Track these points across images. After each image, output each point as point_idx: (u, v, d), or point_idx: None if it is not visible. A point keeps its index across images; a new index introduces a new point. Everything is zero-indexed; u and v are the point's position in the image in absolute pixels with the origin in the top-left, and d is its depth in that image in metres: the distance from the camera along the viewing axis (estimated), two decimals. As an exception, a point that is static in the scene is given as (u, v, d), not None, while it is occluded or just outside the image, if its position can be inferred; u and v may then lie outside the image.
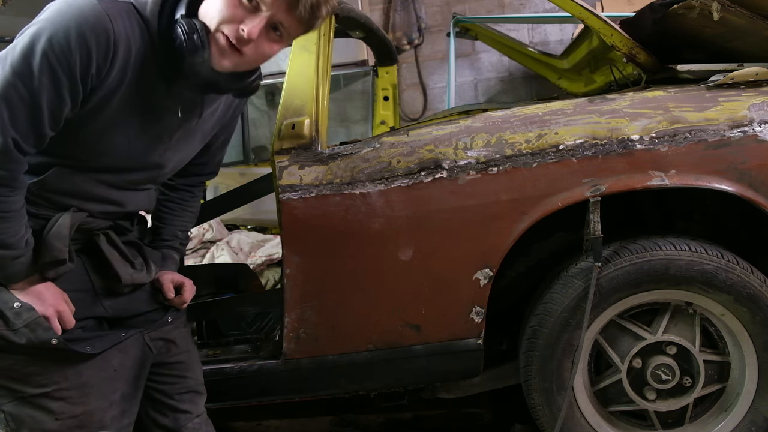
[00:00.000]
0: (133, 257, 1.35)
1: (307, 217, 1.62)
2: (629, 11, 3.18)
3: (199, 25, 1.15)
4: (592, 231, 1.59)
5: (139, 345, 1.33)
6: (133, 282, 1.34)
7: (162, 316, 1.40)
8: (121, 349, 1.28)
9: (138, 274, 1.35)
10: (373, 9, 4.55)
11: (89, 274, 1.29)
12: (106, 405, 1.26)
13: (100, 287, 1.30)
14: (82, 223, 1.25)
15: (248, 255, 3.03)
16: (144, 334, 1.34)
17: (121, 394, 1.29)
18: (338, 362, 1.70)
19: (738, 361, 1.71)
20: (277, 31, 1.19)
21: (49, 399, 1.20)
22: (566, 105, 1.69)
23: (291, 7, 1.15)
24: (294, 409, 2.44)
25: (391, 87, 3.03)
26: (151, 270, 1.39)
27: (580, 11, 1.87)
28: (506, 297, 1.86)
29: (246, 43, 1.16)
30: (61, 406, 1.21)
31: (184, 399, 1.42)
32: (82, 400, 1.23)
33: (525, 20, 4.33)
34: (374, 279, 1.66)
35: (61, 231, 1.19)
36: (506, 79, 4.57)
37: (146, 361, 1.34)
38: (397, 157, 1.64)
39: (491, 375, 1.88)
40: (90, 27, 1.08)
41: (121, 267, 1.31)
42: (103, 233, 1.31)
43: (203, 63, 1.16)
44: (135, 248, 1.39)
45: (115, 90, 1.15)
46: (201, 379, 1.48)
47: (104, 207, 1.29)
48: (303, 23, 1.19)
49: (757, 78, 1.63)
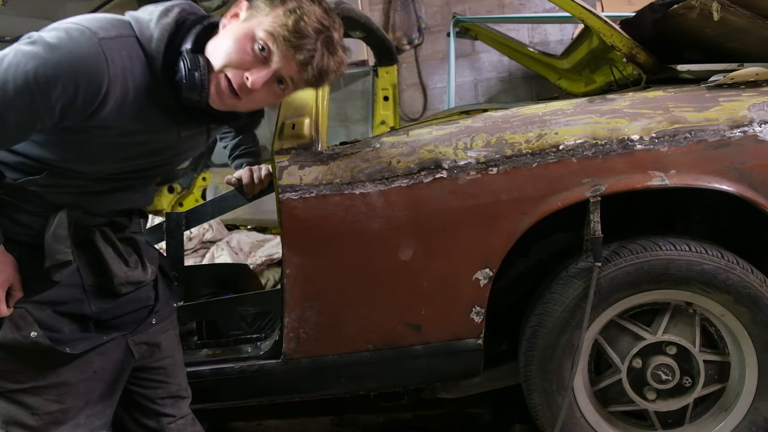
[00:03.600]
0: (128, 255, 1.34)
1: (307, 217, 1.62)
2: (629, 11, 3.17)
3: (202, 62, 1.14)
4: (592, 231, 1.59)
5: (121, 348, 1.31)
6: (128, 280, 1.32)
7: (146, 317, 1.38)
8: (102, 351, 1.27)
9: (132, 272, 1.33)
10: (373, 9, 4.54)
11: (80, 271, 1.27)
12: (82, 404, 1.26)
13: (89, 285, 1.28)
14: (78, 221, 1.24)
15: (248, 255, 3.03)
16: (127, 338, 1.32)
17: (98, 394, 1.29)
18: (338, 362, 1.70)
19: (738, 361, 1.71)
20: (282, 84, 1.19)
21: (26, 394, 1.21)
22: (566, 105, 1.69)
23: (300, 69, 1.16)
24: (294, 409, 2.44)
25: (391, 87, 3.03)
26: (147, 268, 1.38)
27: (580, 11, 1.87)
28: (506, 297, 1.86)
29: (248, 92, 1.16)
30: (37, 401, 1.22)
31: (166, 404, 1.42)
32: (58, 398, 1.23)
33: (525, 20, 4.33)
34: (374, 279, 1.66)
35: (61, 232, 1.19)
36: (506, 79, 4.56)
37: (126, 365, 1.33)
38: (397, 157, 1.64)
39: (491, 375, 1.88)
40: (83, 68, 1.05)
41: (116, 265, 1.30)
42: (99, 230, 1.29)
43: (200, 101, 1.16)
44: (131, 245, 1.37)
45: (111, 123, 1.14)
46: (184, 383, 1.48)
47: (100, 205, 1.28)
48: (309, 83, 1.21)
49: (757, 78, 1.63)
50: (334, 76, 1.21)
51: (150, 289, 1.42)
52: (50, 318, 1.22)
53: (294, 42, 1.13)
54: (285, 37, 1.13)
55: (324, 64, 1.17)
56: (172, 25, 1.17)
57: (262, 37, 1.14)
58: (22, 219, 1.20)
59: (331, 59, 1.18)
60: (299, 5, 1.15)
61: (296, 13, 1.14)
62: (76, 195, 1.23)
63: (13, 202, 1.19)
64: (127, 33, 1.14)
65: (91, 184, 1.24)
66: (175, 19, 1.18)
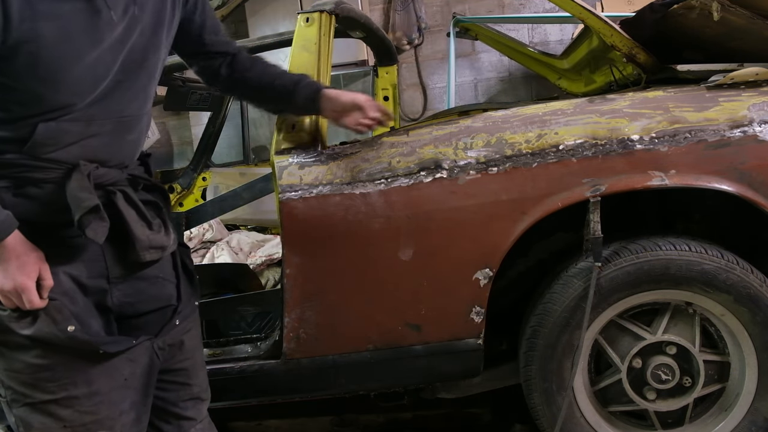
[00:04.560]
0: (151, 218, 1.27)
1: (307, 217, 1.62)
2: (629, 11, 3.18)
3: None
4: (592, 231, 1.59)
5: (148, 354, 1.28)
6: (151, 245, 1.24)
7: (170, 318, 1.33)
8: (131, 357, 1.24)
9: (155, 235, 1.26)
10: (373, 9, 4.55)
11: (104, 254, 1.22)
12: (116, 414, 1.23)
13: (114, 275, 1.23)
14: (96, 177, 1.18)
15: (248, 255, 3.03)
16: (153, 342, 1.29)
17: (130, 402, 1.25)
18: (338, 362, 1.70)
19: (738, 361, 1.71)
20: None
21: (58, 406, 1.18)
22: (566, 105, 1.69)
23: None
24: (294, 409, 2.44)
25: (391, 87, 3.03)
26: (169, 233, 1.31)
27: (580, 11, 1.87)
28: (506, 297, 1.86)
29: None
30: (70, 414, 1.18)
31: (188, 406, 1.39)
32: (91, 409, 1.20)
33: (525, 20, 4.33)
34: (374, 279, 1.66)
35: (82, 183, 1.14)
36: (506, 79, 4.57)
37: (154, 369, 1.30)
38: (397, 157, 1.64)
39: (491, 375, 1.88)
40: None
41: (138, 228, 1.22)
42: (120, 191, 1.23)
43: None
44: (153, 208, 1.31)
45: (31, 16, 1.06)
46: (205, 384, 1.45)
47: (109, 148, 1.22)
48: None
49: (757, 78, 1.63)
50: None
51: (172, 287, 1.37)
52: (81, 312, 1.18)
53: None
54: None
55: None
56: None
57: None
58: (33, 192, 1.15)
59: None
60: None
61: None
62: (82, 145, 1.17)
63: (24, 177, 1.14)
64: None
65: (88, 125, 1.17)
66: None
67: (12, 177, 1.14)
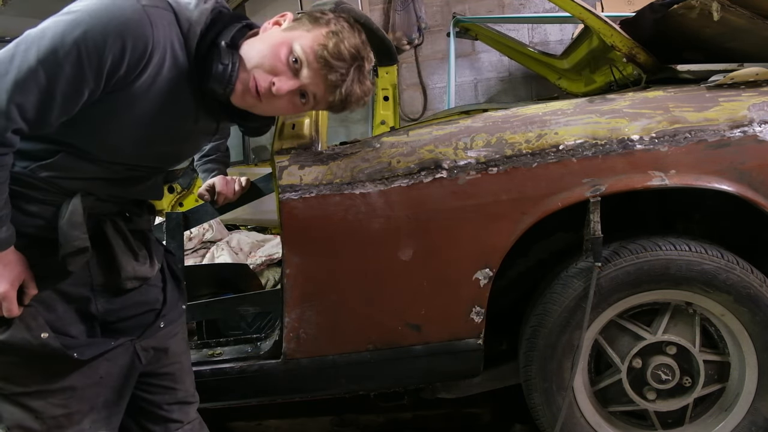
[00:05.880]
0: (138, 248, 1.32)
1: (307, 217, 1.62)
2: (629, 11, 3.18)
3: (236, 59, 1.17)
4: (592, 231, 1.59)
5: (128, 354, 1.29)
6: (135, 275, 1.30)
7: (153, 321, 1.36)
8: (109, 357, 1.26)
9: (140, 267, 1.31)
10: (373, 9, 4.54)
11: (89, 265, 1.24)
12: (87, 409, 1.25)
13: (97, 282, 1.26)
14: (91, 208, 1.22)
15: (248, 255, 3.03)
16: (135, 343, 1.30)
17: (104, 400, 1.27)
18: (338, 362, 1.70)
19: (738, 361, 1.71)
20: (303, 99, 1.22)
21: (30, 398, 1.20)
22: (566, 105, 1.69)
23: (327, 92, 1.20)
24: (294, 409, 2.44)
25: (391, 87, 3.03)
26: (154, 264, 1.36)
27: (580, 11, 1.87)
28: (506, 297, 1.86)
29: (270, 96, 1.18)
30: (42, 405, 1.20)
31: (173, 410, 1.41)
32: (63, 403, 1.22)
33: (525, 20, 4.33)
34: (374, 279, 1.66)
35: (76, 218, 1.17)
36: (506, 79, 4.57)
37: (134, 371, 1.32)
38: (397, 157, 1.64)
39: (491, 375, 1.88)
40: (130, 30, 1.06)
41: (125, 258, 1.28)
42: (110, 220, 1.27)
43: (223, 94, 1.18)
44: (141, 239, 1.36)
45: (140, 96, 1.14)
46: (191, 388, 1.46)
47: (112, 192, 1.27)
48: (331, 105, 1.24)
49: (757, 78, 1.63)
50: (357, 104, 1.24)
51: (158, 291, 1.40)
52: (58, 319, 1.21)
53: (329, 62, 1.17)
54: (321, 56, 1.17)
55: (352, 90, 1.21)
56: (209, 13, 1.20)
57: (298, 50, 1.17)
58: (33, 209, 1.17)
59: (359, 87, 1.23)
60: (341, 30, 1.19)
61: (338, 36, 1.18)
62: (89, 181, 1.21)
63: (23, 192, 1.17)
64: (166, 7, 1.16)
65: (104, 170, 1.22)
66: (212, 8, 1.21)
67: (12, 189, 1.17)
